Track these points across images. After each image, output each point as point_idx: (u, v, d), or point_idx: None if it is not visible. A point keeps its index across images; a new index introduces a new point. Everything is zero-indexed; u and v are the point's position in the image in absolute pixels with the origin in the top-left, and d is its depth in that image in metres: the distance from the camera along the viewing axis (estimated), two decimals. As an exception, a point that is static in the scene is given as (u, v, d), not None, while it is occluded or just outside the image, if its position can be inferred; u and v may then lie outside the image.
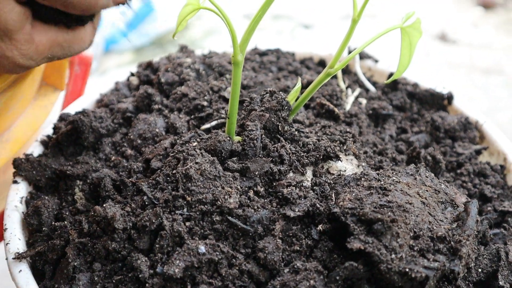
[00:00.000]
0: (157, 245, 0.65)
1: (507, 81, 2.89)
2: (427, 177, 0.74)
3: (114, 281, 0.65)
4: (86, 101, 1.00)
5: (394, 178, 0.71)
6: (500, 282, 0.67)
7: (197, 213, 0.67)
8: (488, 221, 0.77)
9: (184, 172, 0.68)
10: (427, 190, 0.71)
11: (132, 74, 1.04)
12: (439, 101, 1.03)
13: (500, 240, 0.76)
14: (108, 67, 2.94)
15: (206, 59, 1.05)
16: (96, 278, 0.66)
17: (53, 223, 0.74)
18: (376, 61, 1.12)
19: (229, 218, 0.67)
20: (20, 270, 0.69)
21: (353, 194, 0.67)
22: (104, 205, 0.69)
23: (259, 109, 0.77)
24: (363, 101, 0.99)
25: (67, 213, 0.76)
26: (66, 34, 0.69)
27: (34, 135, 0.97)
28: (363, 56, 1.12)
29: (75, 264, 0.67)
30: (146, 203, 0.69)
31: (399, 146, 0.90)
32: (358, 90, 1.01)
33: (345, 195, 0.68)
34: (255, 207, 0.68)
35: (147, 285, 0.63)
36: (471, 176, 0.87)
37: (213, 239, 0.66)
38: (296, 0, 3.67)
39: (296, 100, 0.81)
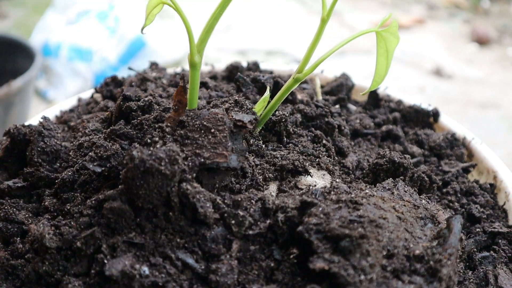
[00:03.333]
0: (92, 271, 0.57)
1: (504, 115, 2.84)
2: (405, 191, 0.67)
3: (44, 308, 0.57)
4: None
5: (367, 191, 0.63)
6: (489, 310, 0.59)
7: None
8: (474, 241, 0.69)
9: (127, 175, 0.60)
10: (404, 205, 0.63)
11: (97, 91, 0.97)
12: (424, 118, 0.96)
13: (489, 263, 0.67)
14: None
15: (176, 76, 0.99)
16: (24, 305, 0.57)
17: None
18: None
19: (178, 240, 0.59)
20: None
21: (320, 209, 0.59)
22: (40, 222, 0.62)
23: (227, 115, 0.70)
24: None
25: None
26: None
27: None
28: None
29: (1, 289, 0.58)
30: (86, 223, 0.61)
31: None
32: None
33: (311, 210, 0.60)
34: (210, 224, 0.60)
35: (80, 312, 0.55)
36: (458, 196, 0.79)
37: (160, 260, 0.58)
38: (290, 36, 3.65)
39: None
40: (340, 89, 0.99)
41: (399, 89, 3.05)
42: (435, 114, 0.96)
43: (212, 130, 0.64)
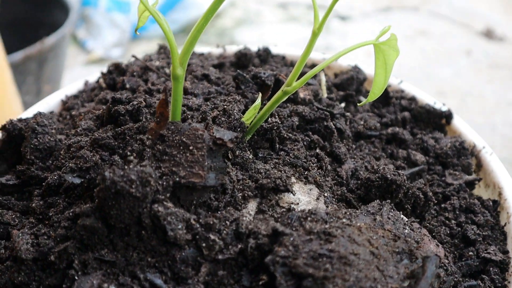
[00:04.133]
0: (64, 286, 0.58)
1: (556, 85, 2.68)
2: (389, 218, 0.64)
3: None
4: (51, 101, 0.94)
5: (344, 220, 0.61)
6: None
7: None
8: (466, 264, 0.67)
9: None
10: (383, 236, 0.60)
11: (103, 75, 0.97)
12: (436, 120, 0.91)
13: (475, 295, 0.65)
14: (135, 54, 2.90)
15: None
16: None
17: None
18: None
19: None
20: None
21: (291, 239, 0.58)
22: (20, 231, 0.63)
23: (208, 132, 0.68)
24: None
25: None
26: None
27: None
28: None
29: (-20, 295, 0.61)
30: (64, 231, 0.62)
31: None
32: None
33: (282, 239, 0.59)
34: (181, 245, 0.60)
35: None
36: (457, 213, 0.76)
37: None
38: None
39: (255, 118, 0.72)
40: (350, 83, 0.95)
41: (444, 50, 2.90)
42: (448, 116, 0.91)
43: (191, 148, 0.63)
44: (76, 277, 0.58)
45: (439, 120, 0.91)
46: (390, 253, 0.59)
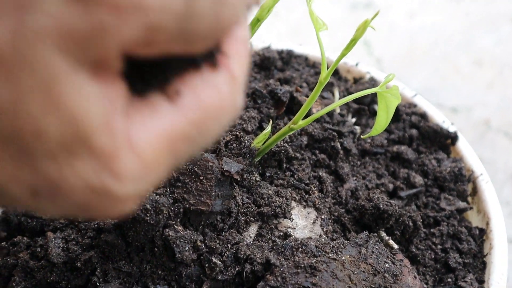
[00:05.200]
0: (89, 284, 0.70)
1: None
2: (373, 252, 0.72)
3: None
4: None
5: (330, 255, 0.69)
6: None
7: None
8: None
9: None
10: (363, 271, 0.69)
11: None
12: (442, 140, 0.96)
13: (444, 323, 0.74)
14: None
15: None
16: (34, 308, 0.72)
17: (15, 238, 0.80)
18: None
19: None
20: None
21: (281, 270, 0.67)
22: (53, 235, 0.74)
23: (218, 162, 0.75)
24: (358, 129, 0.94)
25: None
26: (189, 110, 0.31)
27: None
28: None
29: (19, 288, 0.73)
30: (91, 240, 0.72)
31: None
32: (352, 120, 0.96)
33: (274, 268, 0.68)
34: (187, 263, 0.70)
35: (75, 321, 0.68)
36: (444, 239, 0.83)
37: None
38: None
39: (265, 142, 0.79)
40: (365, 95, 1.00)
41: (489, 15, 2.82)
42: (454, 138, 0.95)
43: (201, 178, 0.71)
44: (97, 283, 0.69)
45: (444, 140, 0.96)
46: (367, 289, 0.67)
